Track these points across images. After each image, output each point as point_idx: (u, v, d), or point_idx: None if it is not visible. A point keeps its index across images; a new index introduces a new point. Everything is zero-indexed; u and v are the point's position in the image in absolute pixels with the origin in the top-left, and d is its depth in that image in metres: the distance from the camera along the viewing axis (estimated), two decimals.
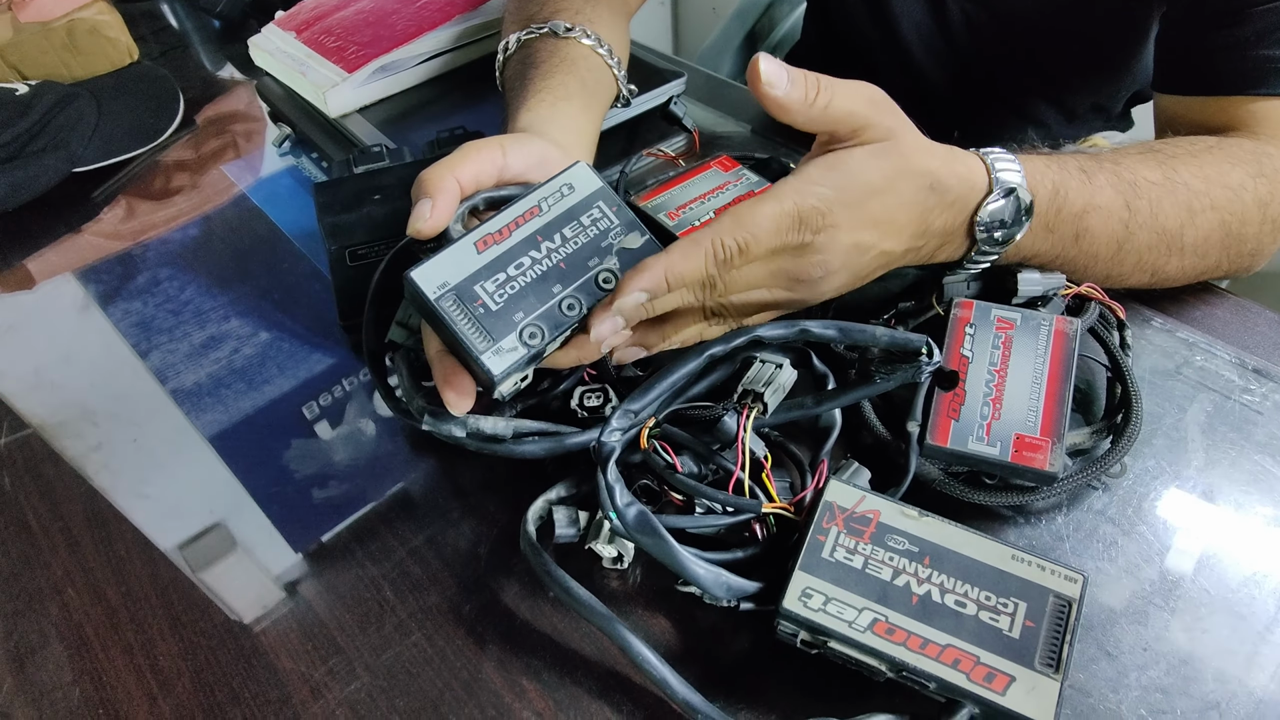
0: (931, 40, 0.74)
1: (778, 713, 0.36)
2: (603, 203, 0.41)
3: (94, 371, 0.54)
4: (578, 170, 0.41)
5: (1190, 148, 0.47)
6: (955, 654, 0.32)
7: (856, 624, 0.33)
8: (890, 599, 0.34)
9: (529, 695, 0.37)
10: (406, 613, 0.40)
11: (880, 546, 0.35)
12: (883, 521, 0.36)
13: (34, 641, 0.41)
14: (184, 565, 0.43)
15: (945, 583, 0.34)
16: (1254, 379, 0.47)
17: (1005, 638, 0.32)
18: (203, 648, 0.40)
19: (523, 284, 0.38)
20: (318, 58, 0.70)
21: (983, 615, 0.33)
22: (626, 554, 0.40)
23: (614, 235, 0.40)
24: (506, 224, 0.39)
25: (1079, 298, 0.47)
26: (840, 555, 0.35)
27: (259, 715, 0.37)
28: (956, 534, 0.35)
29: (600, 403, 0.44)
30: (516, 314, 0.37)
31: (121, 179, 0.71)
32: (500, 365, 0.36)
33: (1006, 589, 0.34)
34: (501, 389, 0.38)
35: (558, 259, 0.39)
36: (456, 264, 0.38)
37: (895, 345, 0.41)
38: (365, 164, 0.58)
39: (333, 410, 0.50)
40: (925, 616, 0.33)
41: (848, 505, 0.37)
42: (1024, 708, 0.31)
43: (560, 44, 0.56)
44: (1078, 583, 0.34)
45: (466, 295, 0.37)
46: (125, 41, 0.79)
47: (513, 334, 0.37)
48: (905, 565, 0.35)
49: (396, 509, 0.45)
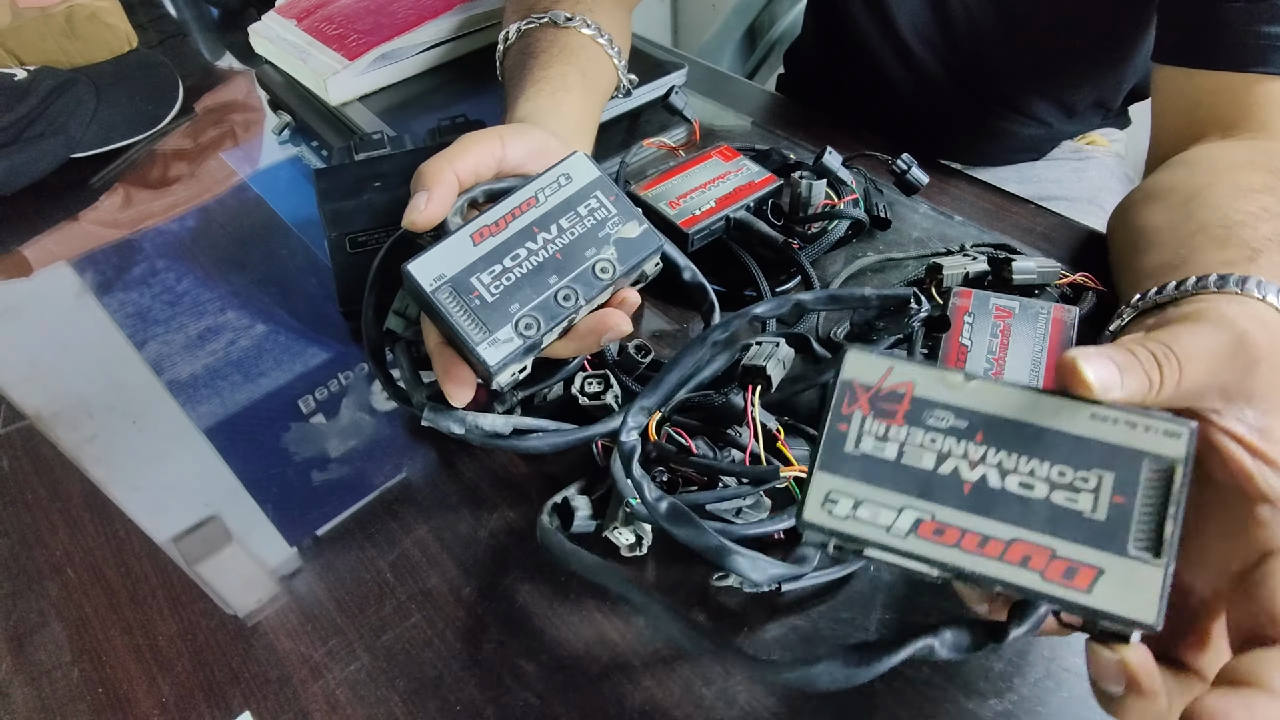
0: (931, 35, 0.74)
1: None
2: (600, 192, 0.41)
3: (90, 362, 0.54)
4: (575, 160, 0.41)
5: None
6: (1024, 549, 0.25)
7: (897, 528, 0.27)
8: (936, 492, 0.27)
9: (528, 677, 0.37)
10: (406, 595, 0.40)
11: (918, 427, 0.28)
12: (918, 395, 0.28)
13: (34, 621, 0.40)
14: (180, 558, 0.43)
15: (1005, 461, 0.26)
16: None
17: (1087, 521, 0.25)
18: (202, 628, 0.40)
19: (519, 275, 0.38)
20: (319, 45, 0.70)
21: (1056, 497, 0.26)
22: (645, 537, 0.40)
23: (611, 225, 0.40)
24: (503, 215, 0.39)
25: (1075, 286, 0.47)
26: (868, 446, 0.28)
27: (258, 695, 0.37)
28: (1016, 396, 0.27)
29: (602, 389, 0.44)
30: (512, 305, 0.37)
31: (120, 165, 0.71)
32: (496, 356, 0.37)
33: (1086, 458, 0.26)
34: (499, 379, 0.38)
35: (554, 250, 0.39)
36: (453, 256, 0.38)
37: (886, 301, 0.42)
38: (366, 151, 0.58)
39: (329, 404, 0.50)
40: (982, 508, 0.26)
41: (872, 381, 0.28)
42: (1117, 606, 0.24)
43: (560, 33, 0.56)
44: (1182, 438, 0.25)
45: (463, 287, 0.37)
46: (124, 29, 0.79)
47: (509, 325, 0.37)
48: (952, 447, 0.27)
49: (396, 493, 0.45)
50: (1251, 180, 0.44)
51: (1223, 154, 0.49)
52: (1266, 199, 0.42)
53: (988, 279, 0.47)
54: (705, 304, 0.47)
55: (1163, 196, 0.47)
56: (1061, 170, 0.82)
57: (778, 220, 0.55)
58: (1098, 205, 0.78)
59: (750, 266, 0.52)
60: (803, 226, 0.54)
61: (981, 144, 0.81)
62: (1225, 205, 0.42)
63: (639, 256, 0.40)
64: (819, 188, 0.53)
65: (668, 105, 0.64)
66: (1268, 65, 0.49)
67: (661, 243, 0.41)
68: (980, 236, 0.57)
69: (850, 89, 0.86)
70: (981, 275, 0.47)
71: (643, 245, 0.40)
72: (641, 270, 0.41)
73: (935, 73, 0.76)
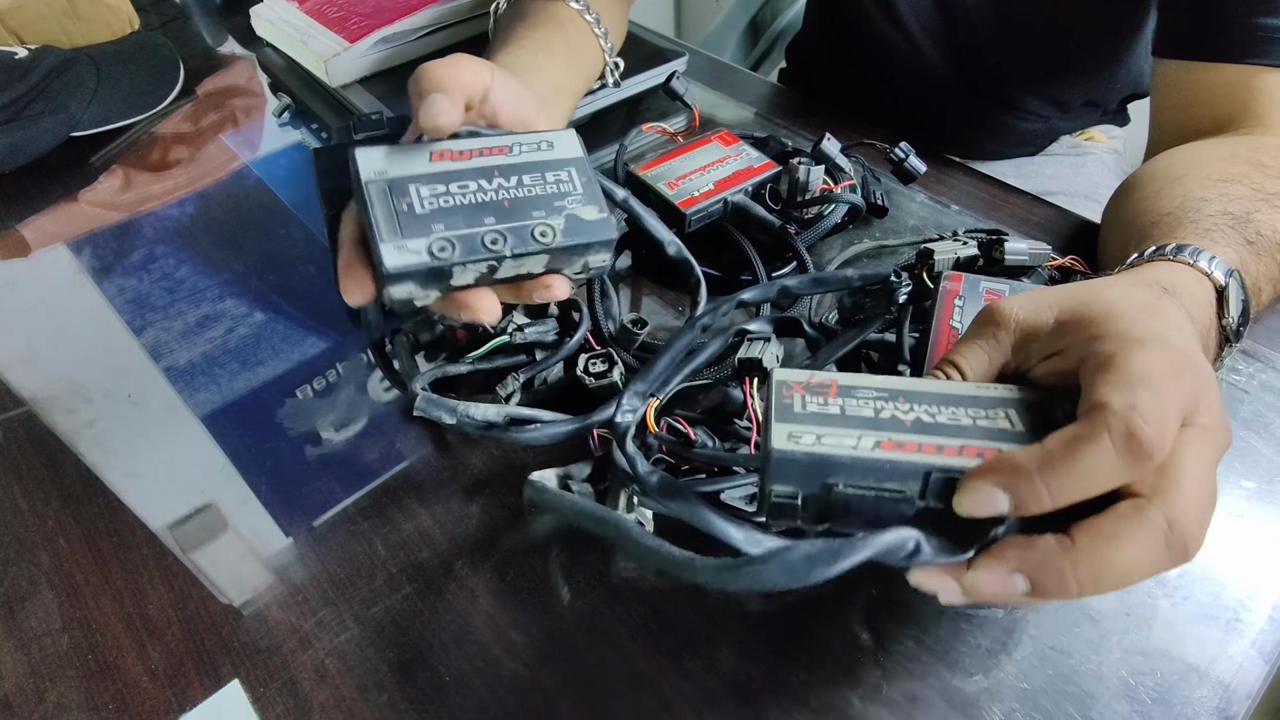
0: (934, 26, 0.74)
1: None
2: (574, 169, 0.39)
3: (87, 347, 0.54)
4: (565, 133, 0.40)
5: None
6: (975, 449, 0.29)
7: (862, 446, 0.29)
8: (884, 427, 0.30)
9: (517, 648, 0.37)
10: (397, 567, 0.40)
11: (850, 398, 0.31)
12: (842, 384, 0.32)
13: (24, 589, 0.41)
14: (175, 537, 0.43)
15: (930, 409, 0.31)
16: (1241, 359, 0.47)
17: (1012, 431, 0.30)
18: (193, 597, 0.40)
19: (457, 203, 0.36)
20: (319, 27, 0.70)
21: (980, 422, 0.30)
22: (646, 522, 0.39)
23: (571, 201, 0.38)
24: (471, 149, 0.38)
25: (1063, 269, 0.47)
26: (814, 408, 0.31)
27: (247, 664, 0.37)
28: (918, 381, 0.33)
29: (606, 367, 0.44)
30: (437, 225, 0.35)
31: (119, 145, 0.71)
32: (396, 261, 0.34)
33: (989, 404, 0.31)
34: (393, 291, 0.35)
35: (503, 196, 0.37)
36: (404, 161, 0.37)
37: (868, 280, 0.43)
38: (365, 131, 0.58)
39: (327, 386, 0.50)
40: (928, 432, 0.30)
41: (801, 379, 0.32)
42: None
43: (549, 4, 0.56)
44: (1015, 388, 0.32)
45: (398, 189, 0.36)
46: (126, 10, 0.79)
47: (423, 239, 0.34)
48: (884, 405, 0.31)
49: (391, 470, 0.45)
50: (1225, 170, 0.45)
51: (1207, 148, 0.49)
52: (1234, 187, 0.43)
53: (978, 263, 0.48)
54: (692, 278, 0.48)
55: (1140, 187, 0.48)
56: (1059, 166, 0.82)
57: (775, 205, 0.55)
58: (1095, 201, 0.78)
59: (747, 250, 0.52)
60: (799, 211, 0.54)
61: (981, 138, 0.81)
62: (1192, 193, 0.43)
63: (586, 238, 0.37)
64: (816, 173, 0.53)
65: (668, 90, 0.64)
66: (1264, 56, 0.49)
67: (614, 237, 0.37)
68: (976, 225, 0.57)
69: (852, 82, 0.86)
70: (972, 259, 0.47)
71: (594, 230, 0.37)
72: (585, 259, 0.38)
73: (937, 65, 0.77)
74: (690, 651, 0.37)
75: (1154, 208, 0.44)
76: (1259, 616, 0.37)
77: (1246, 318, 0.38)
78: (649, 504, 0.38)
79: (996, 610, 0.37)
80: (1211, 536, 0.39)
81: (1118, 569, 0.27)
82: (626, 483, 0.38)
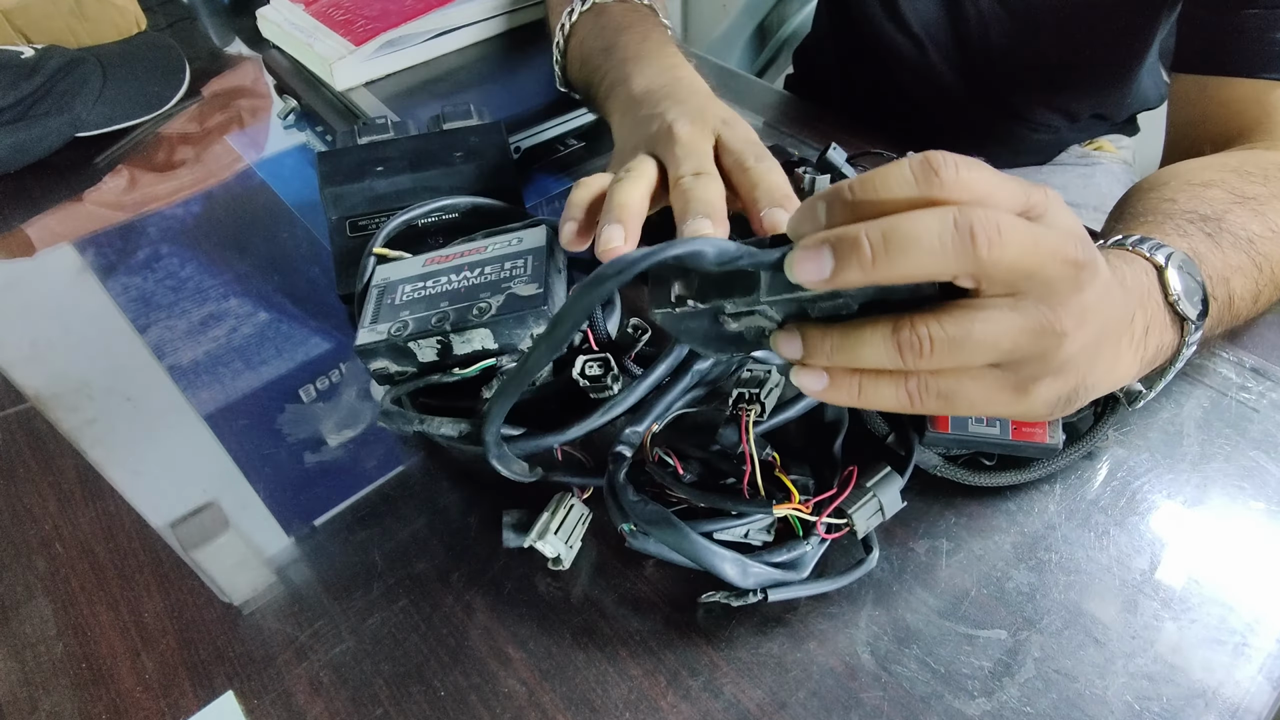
0: (943, 35, 0.74)
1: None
2: (531, 257, 0.43)
3: (91, 345, 0.54)
4: (538, 229, 0.45)
5: (1266, 188, 0.45)
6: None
7: None
8: None
9: (514, 663, 0.37)
10: (394, 579, 0.40)
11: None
12: None
13: (19, 595, 0.40)
14: (174, 539, 0.43)
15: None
16: (1251, 377, 0.47)
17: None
18: (189, 606, 0.40)
19: (426, 295, 0.42)
20: (325, 30, 0.70)
21: None
22: (565, 557, 0.39)
23: (516, 282, 0.42)
24: (455, 252, 0.45)
25: None
26: None
27: (242, 674, 0.37)
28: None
29: (602, 371, 0.44)
30: (404, 312, 0.42)
31: (125, 146, 0.71)
32: (362, 338, 0.41)
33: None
34: (371, 364, 0.41)
35: (462, 285, 0.42)
36: (405, 269, 0.45)
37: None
38: (370, 135, 0.57)
39: (328, 391, 0.50)
40: None
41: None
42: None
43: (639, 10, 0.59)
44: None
45: (390, 290, 0.44)
46: (133, 10, 0.79)
47: (388, 323, 0.41)
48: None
49: (389, 479, 0.45)
50: (1207, 177, 0.45)
51: (1203, 159, 0.49)
52: (1210, 191, 0.44)
53: None
54: None
55: (1129, 194, 0.49)
56: (1068, 176, 0.82)
57: None
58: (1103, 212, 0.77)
59: None
60: None
61: (989, 147, 0.80)
62: (1166, 195, 0.45)
63: (519, 311, 0.40)
64: (822, 182, 0.53)
65: None
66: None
67: (545, 307, 0.40)
68: None
69: (860, 88, 0.86)
70: None
71: (527, 304, 0.40)
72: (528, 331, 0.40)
73: (945, 73, 0.76)
74: (690, 672, 0.36)
75: (1129, 210, 0.46)
76: (1267, 640, 0.36)
77: (1206, 305, 0.38)
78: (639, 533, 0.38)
79: (1000, 630, 0.37)
80: (1219, 558, 0.39)
81: (902, 232, 0.26)
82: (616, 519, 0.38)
